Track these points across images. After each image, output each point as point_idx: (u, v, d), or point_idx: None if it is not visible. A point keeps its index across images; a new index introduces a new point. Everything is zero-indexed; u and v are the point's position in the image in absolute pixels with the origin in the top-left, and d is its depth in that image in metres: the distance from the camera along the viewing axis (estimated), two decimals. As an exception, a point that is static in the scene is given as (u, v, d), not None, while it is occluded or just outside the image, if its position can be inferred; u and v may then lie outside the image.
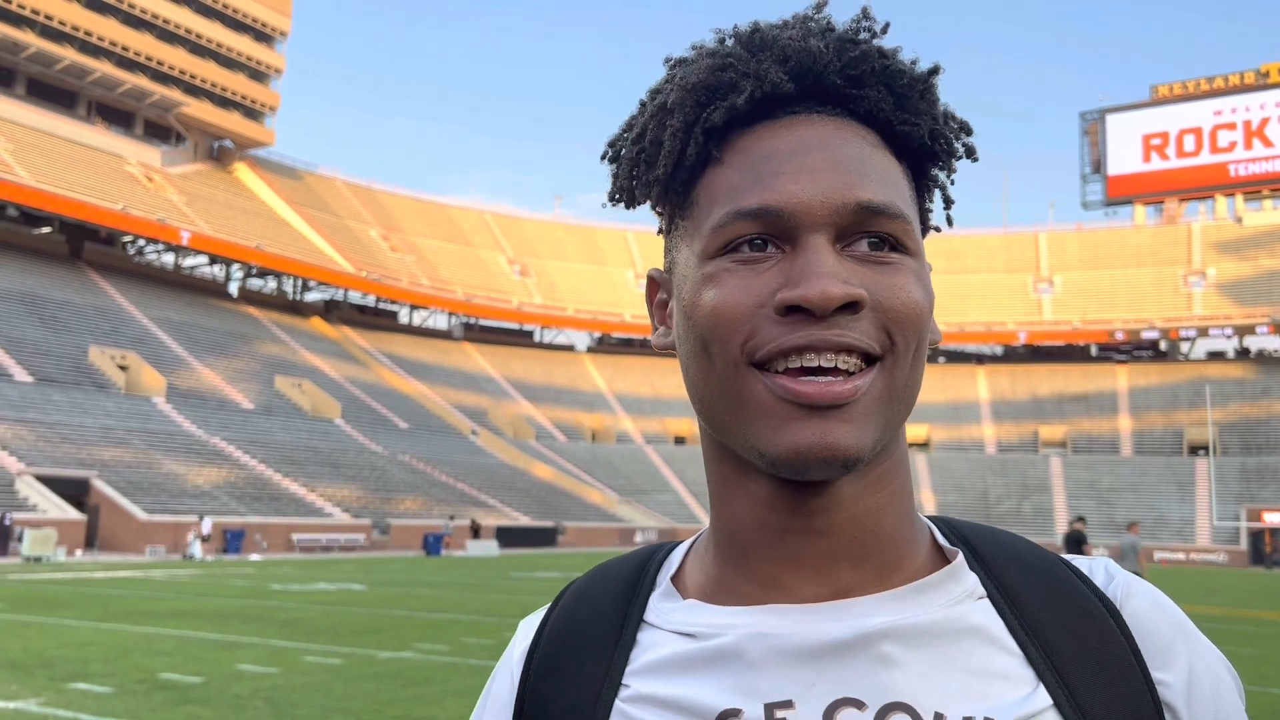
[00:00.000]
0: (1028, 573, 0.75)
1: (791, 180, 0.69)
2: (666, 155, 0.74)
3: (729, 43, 0.75)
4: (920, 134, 0.74)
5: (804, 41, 0.72)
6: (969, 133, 0.78)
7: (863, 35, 0.74)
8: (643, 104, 0.78)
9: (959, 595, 0.73)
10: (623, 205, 0.80)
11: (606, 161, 0.80)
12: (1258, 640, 15.98)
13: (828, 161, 0.70)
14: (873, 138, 0.73)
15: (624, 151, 0.78)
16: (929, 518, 0.81)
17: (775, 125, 0.72)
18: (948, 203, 0.79)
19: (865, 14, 0.75)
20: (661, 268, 0.81)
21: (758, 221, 0.69)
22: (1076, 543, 19.83)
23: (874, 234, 0.69)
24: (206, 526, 33.26)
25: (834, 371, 0.67)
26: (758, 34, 0.74)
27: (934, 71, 0.75)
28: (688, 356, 0.73)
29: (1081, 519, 17.81)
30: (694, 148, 0.73)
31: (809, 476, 0.68)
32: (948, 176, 0.78)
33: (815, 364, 0.66)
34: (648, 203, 0.79)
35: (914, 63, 0.75)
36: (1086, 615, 0.73)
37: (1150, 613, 0.74)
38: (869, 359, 0.68)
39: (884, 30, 0.75)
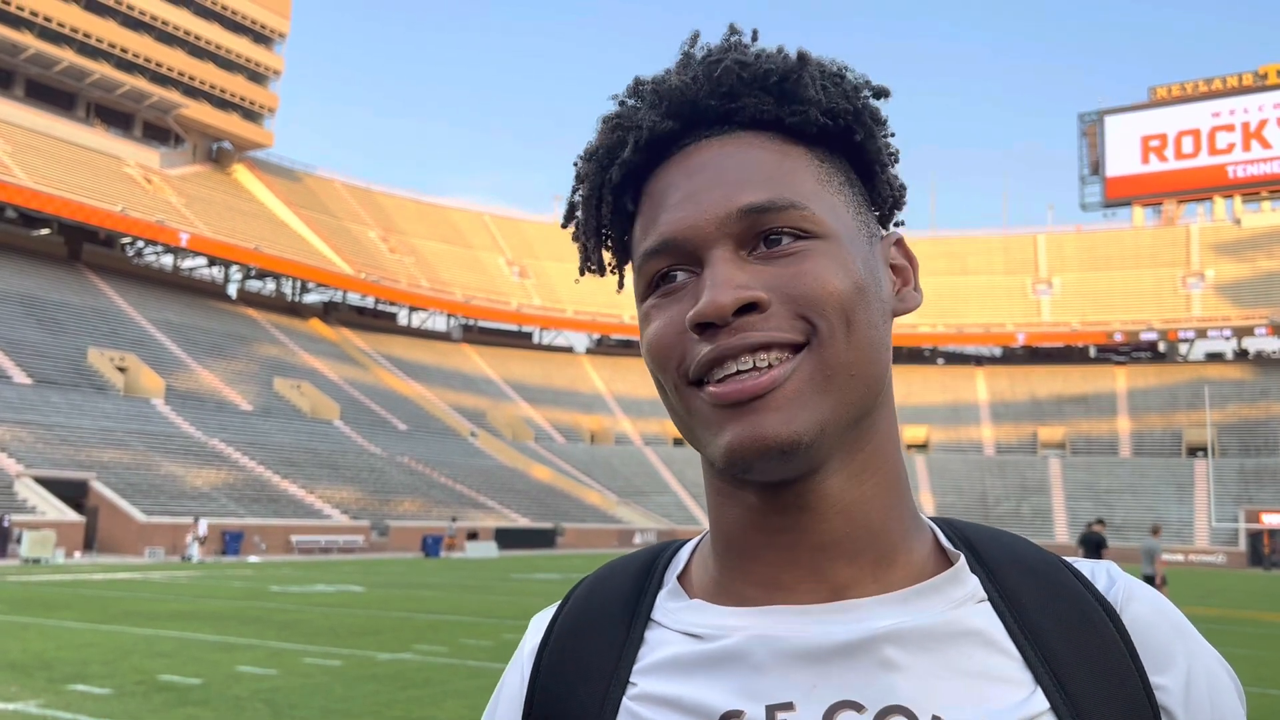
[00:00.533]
0: (1029, 575, 0.76)
1: (679, 209, 0.73)
2: (584, 224, 0.81)
3: (627, 102, 0.80)
4: (812, 119, 0.75)
5: (670, 80, 0.77)
6: (881, 95, 0.79)
7: (730, 52, 0.76)
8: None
9: (960, 598, 0.74)
10: (597, 275, 0.85)
11: (574, 240, 0.84)
12: (1256, 641, 16.00)
13: (709, 180, 0.73)
14: (765, 140, 0.75)
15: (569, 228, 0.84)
16: (932, 519, 0.81)
17: (670, 163, 0.76)
18: (882, 167, 0.80)
19: (732, 29, 0.79)
20: None
21: (662, 256, 0.74)
22: (1096, 545, 19.75)
23: (770, 231, 0.72)
24: (202, 528, 33.22)
25: (755, 371, 0.69)
26: (641, 85, 0.79)
27: (803, 59, 0.76)
28: (658, 390, 0.77)
29: (1101, 521, 17.75)
30: (606, 209, 0.79)
31: (754, 473, 0.71)
32: (876, 143, 0.79)
33: (734, 370, 0.69)
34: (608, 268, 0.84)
35: (785, 57, 0.76)
36: (1086, 619, 0.73)
37: (1150, 617, 0.74)
38: (795, 348, 0.70)
39: (754, 38, 0.78)
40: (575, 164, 0.82)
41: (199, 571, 27.67)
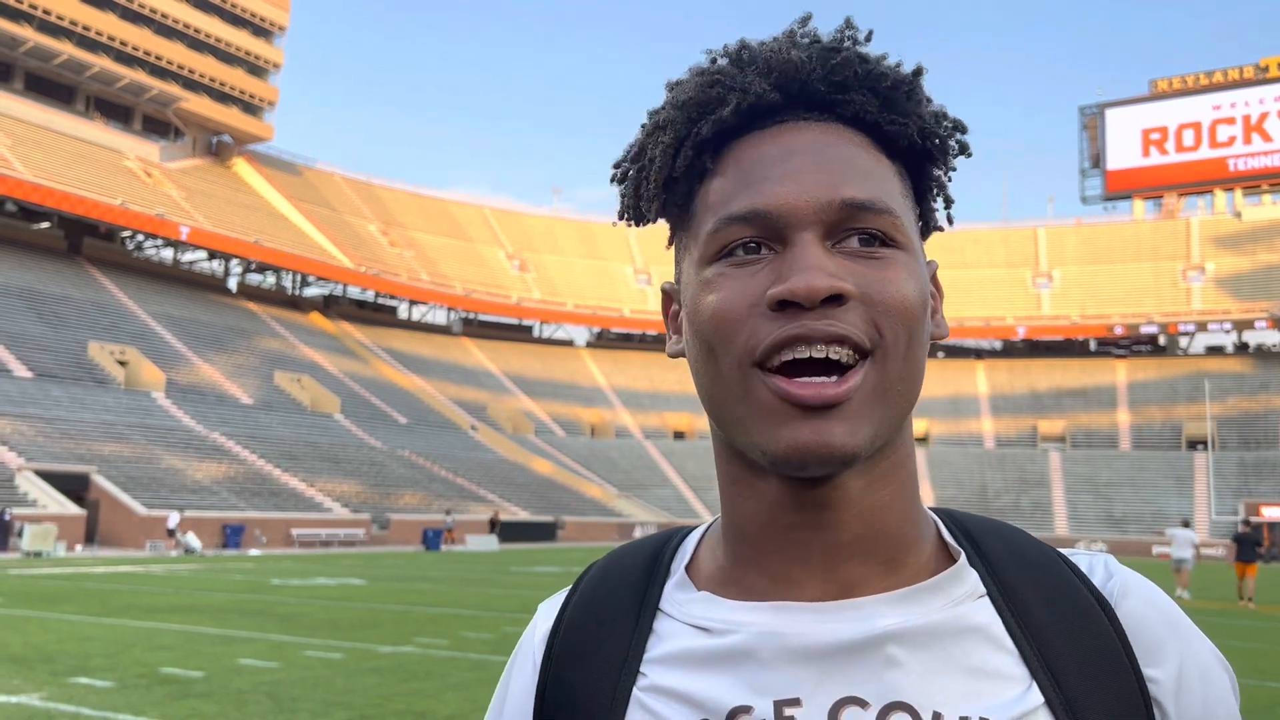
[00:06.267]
0: (1027, 569, 0.78)
1: (778, 183, 0.73)
2: (658, 171, 0.79)
3: (720, 61, 0.79)
4: (909, 133, 0.76)
5: (786, 53, 0.76)
6: (963, 130, 0.80)
7: (846, 44, 0.77)
8: (643, 125, 0.82)
9: (960, 596, 0.75)
10: (633, 223, 0.84)
11: (615, 183, 0.84)
12: (1254, 634, 16.03)
13: (813, 163, 0.73)
14: (861, 139, 0.76)
15: (628, 171, 0.83)
16: (933, 510, 0.82)
17: (764, 134, 0.76)
18: (948, 202, 0.82)
19: (849, 24, 0.79)
20: (672, 279, 0.85)
21: (748, 225, 0.73)
22: (1253, 544, 20.47)
23: (862, 230, 0.72)
24: (172, 520, 33.12)
25: (826, 363, 0.69)
26: (745, 50, 0.78)
27: (918, 73, 0.77)
28: (696, 360, 0.76)
29: (1247, 522, 18.25)
30: (683, 161, 0.77)
31: (808, 473, 0.71)
32: (945, 175, 0.81)
33: (807, 355, 0.69)
34: (656, 218, 0.84)
35: (898, 66, 0.77)
36: (1081, 612, 0.75)
37: (1144, 611, 0.76)
38: (861, 352, 0.70)
39: (868, 38, 0.78)
40: (658, 110, 0.80)
41: (199, 565, 27.72)
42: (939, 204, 0.82)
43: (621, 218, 0.84)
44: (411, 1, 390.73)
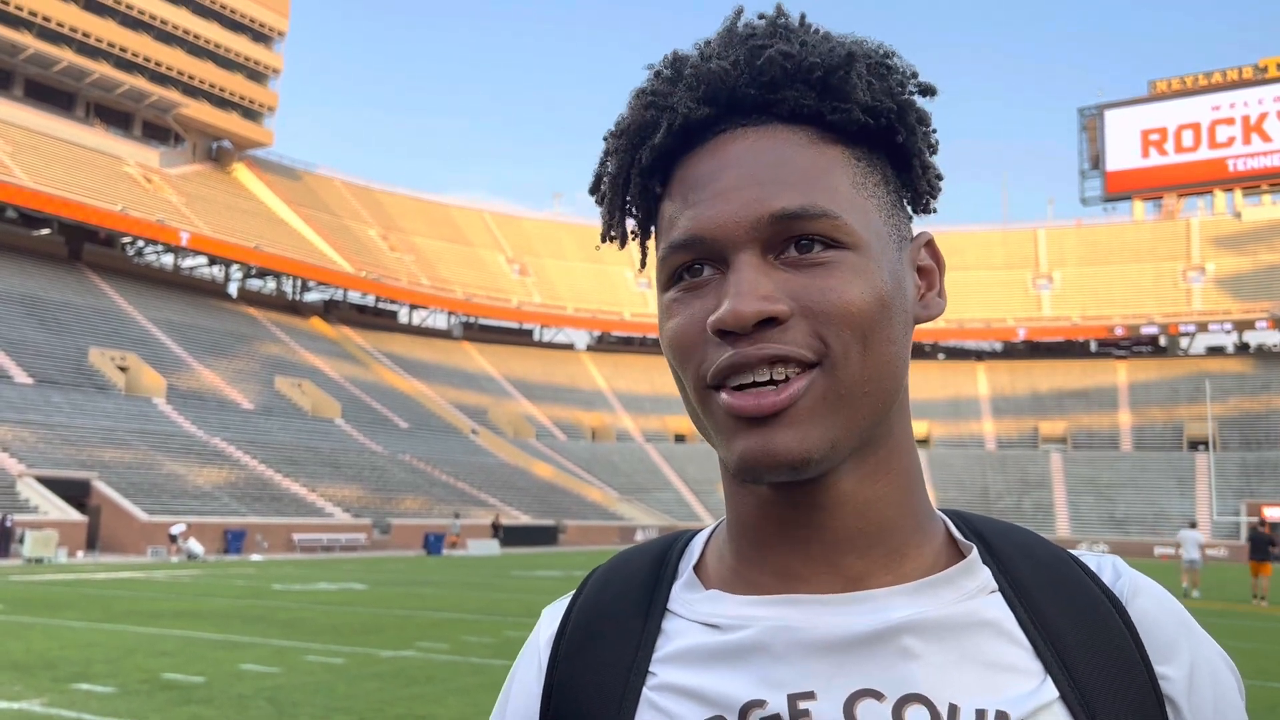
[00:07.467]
0: (1038, 568, 0.78)
1: (709, 205, 0.71)
2: (609, 203, 0.80)
3: (662, 74, 0.77)
4: (854, 117, 0.73)
5: (710, 64, 0.74)
6: (929, 93, 0.77)
7: (776, 37, 0.74)
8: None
9: (973, 590, 0.75)
10: (617, 244, 0.83)
11: (596, 203, 0.83)
12: (1257, 635, 16.02)
13: (742, 178, 0.71)
14: (802, 135, 0.73)
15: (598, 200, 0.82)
16: (943, 511, 0.82)
17: (704, 149, 0.74)
18: (924, 167, 0.79)
19: (780, 11, 0.76)
20: None
21: (688, 250, 0.72)
22: (1265, 544, 21.25)
23: (800, 237, 0.70)
24: (177, 529, 33.13)
25: (770, 384, 0.69)
26: (678, 63, 0.76)
27: (850, 55, 0.73)
28: (676, 383, 0.77)
29: (1264, 523, 18.73)
30: (634, 189, 0.78)
31: (765, 481, 0.71)
32: (917, 141, 0.77)
33: (750, 380, 0.69)
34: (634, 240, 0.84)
35: (831, 50, 0.74)
36: (1093, 610, 0.75)
37: (1155, 609, 0.76)
38: (806, 365, 0.69)
39: (801, 23, 0.76)
40: (605, 137, 0.80)
41: (201, 570, 27.71)
42: (923, 174, 0.79)
43: (604, 240, 0.83)
44: (411, 6, 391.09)
